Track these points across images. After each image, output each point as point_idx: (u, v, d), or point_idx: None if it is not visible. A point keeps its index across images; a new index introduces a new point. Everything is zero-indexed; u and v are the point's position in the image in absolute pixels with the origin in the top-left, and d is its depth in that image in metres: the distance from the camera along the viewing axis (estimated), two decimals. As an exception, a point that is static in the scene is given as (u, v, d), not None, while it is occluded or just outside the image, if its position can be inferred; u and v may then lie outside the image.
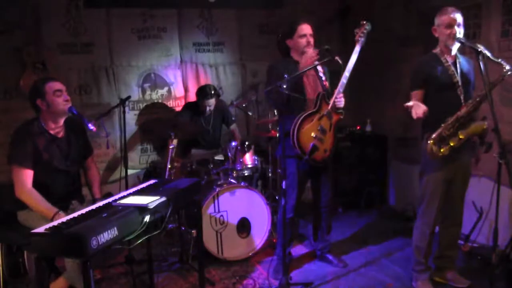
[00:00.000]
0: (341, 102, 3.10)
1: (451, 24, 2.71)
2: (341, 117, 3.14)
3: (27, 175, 2.62)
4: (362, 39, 3.06)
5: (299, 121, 2.98)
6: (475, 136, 2.74)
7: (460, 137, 2.68)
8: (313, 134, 2.99)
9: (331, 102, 3.06)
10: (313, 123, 3.01)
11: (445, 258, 3.07)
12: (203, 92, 4.17)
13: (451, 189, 2.89)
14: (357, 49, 3.04)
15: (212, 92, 4.16)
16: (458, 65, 2.82)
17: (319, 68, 3.20)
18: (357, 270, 3.36)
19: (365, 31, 3.08)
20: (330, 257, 3.47)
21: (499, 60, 2.55)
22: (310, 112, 3.03)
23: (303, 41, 3.10)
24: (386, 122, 4.79)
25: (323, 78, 3.20)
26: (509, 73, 2.56)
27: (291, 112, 3.01)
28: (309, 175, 3.28)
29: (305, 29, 3.11)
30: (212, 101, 4.18)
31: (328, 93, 3.14)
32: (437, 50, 2.86)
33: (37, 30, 4.03)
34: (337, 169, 3.45)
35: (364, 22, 3.09)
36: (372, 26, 3.09)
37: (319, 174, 3.29)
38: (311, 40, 3.12)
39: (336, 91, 3.05)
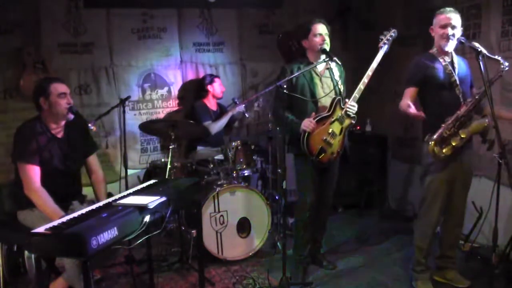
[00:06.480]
0: (353, 109, 3.05)
1: (446, 24, 2.72)
2: (353, 121, 3.11)
3: (35, 172, 2.61)
4: (386, 45, 3.04)
5: None
6: (477, 134, 2.74)
7: (462, 136, 2.68)
8: (323, 138, 2.99)
9: (345, 107, 3.03)
10: (324, 127, 2.99)
11: (445, 258, 3.07)
12: (207, 77, 4.39)
13: (453, 190, 2.89)
14: (379, 55, 3.02)
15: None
16: (455, 64, 2.82)
17: (334, 71, 3.17)
18: (357, 270, 3.36)
19: (390, 38, 3.05)
20: (321, 258, 3.42)
21: (496, 56, 2.58)
22: (323, 115, 3.00)
23: (318, 40, 3.04)
24: (386, 122, 4.78)
25: (338, 81, 3.15)
26: (506, 69, 2.59)
27: (298, 115, 3.02)
28: (316, 173, 3.21)
29: (320, 28, 3.06)
30: (219, 80, 4.44)
31: (342, 97, 3.11)
32: (433, 51, 2.87)
33: (37, 30, 4.02)
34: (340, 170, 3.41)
35: (391, 29, 3.07)
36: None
37: (323, 174, 3.25)
38: (327, 39, 3.06)
39: (352, 97, 3.02)
